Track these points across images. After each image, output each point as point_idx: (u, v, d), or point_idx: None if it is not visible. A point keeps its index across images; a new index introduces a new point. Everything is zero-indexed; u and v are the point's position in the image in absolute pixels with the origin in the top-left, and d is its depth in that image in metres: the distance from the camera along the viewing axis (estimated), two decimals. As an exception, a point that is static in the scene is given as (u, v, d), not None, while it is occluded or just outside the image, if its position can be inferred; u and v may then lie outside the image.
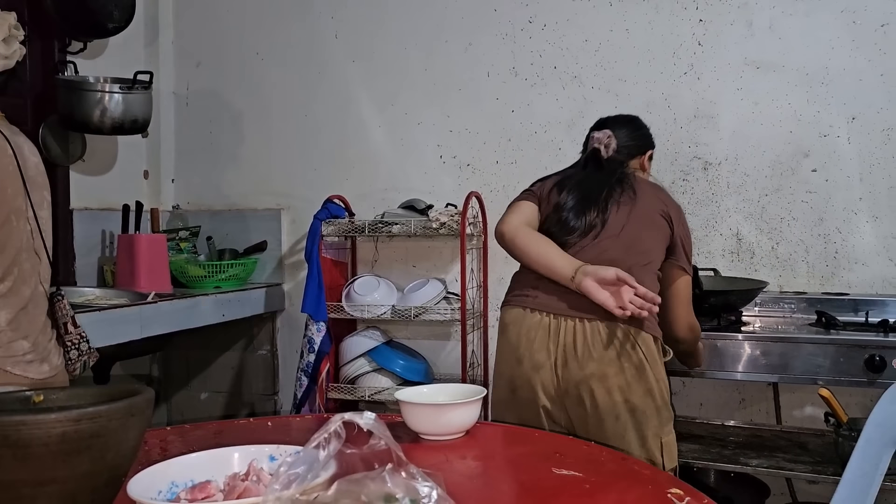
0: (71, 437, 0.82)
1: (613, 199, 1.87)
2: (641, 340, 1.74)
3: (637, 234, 1.85)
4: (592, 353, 1.72)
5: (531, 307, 1.80)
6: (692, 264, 1.96)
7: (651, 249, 1.86)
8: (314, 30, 3.29)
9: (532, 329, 1.78)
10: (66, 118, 2.81)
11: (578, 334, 1.74)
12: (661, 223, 1.89)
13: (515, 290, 1.90)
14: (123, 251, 2.91)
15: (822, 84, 2.65)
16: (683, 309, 1.91)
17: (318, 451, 0.83)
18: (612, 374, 1.71)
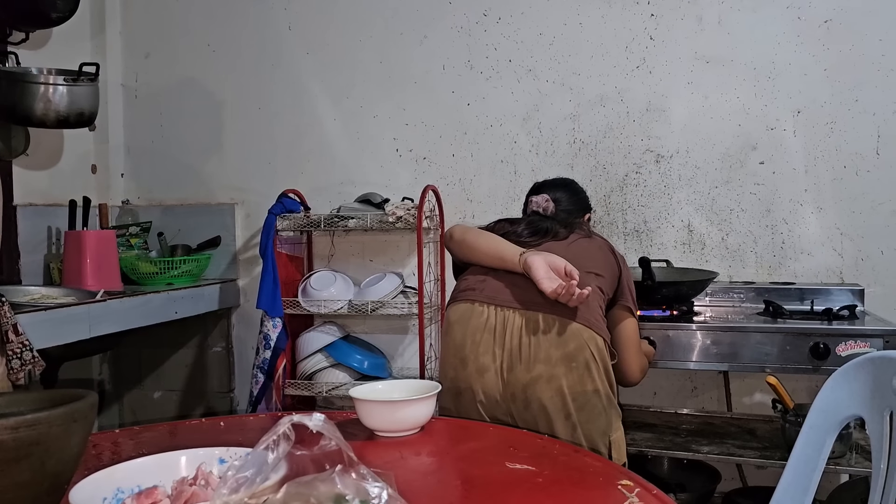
0: (9, 445, 0.79)
1: (563, 232, 1.93)
2: (590, 339, 1.71)
3: (587, 251, 1.88)
4: (539, 354, 1.69)
5: (478, 300, 1.78)
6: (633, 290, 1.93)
7: (601, 268, 1.85)
8: (267, 21, 3.24)
9: (478, 331, 1.75)
10: (7, 111, 2.71)
11: (524, 333, 1.71)
12: (610, 258, 1.90)
13: (461, 286, 1.88)
14: (71, 248, 2.83)
15: (768, 78, 2.71)
16: (633, 353, 1.89)
17: (268, 453, 0.82)
18: (559, 375, 1.68)
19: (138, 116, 3.42)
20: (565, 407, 1.68)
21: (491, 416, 1.74)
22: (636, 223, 2.85)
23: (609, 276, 1.86)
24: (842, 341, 2.17)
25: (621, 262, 1.93)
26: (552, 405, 1.68)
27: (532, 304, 1.72)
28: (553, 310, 1.71)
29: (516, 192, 2.95)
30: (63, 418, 0.84)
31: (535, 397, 1.68)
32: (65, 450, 0.85)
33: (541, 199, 2.05)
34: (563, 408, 1.68)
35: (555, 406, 1.68)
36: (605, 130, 2.88)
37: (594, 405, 1.71)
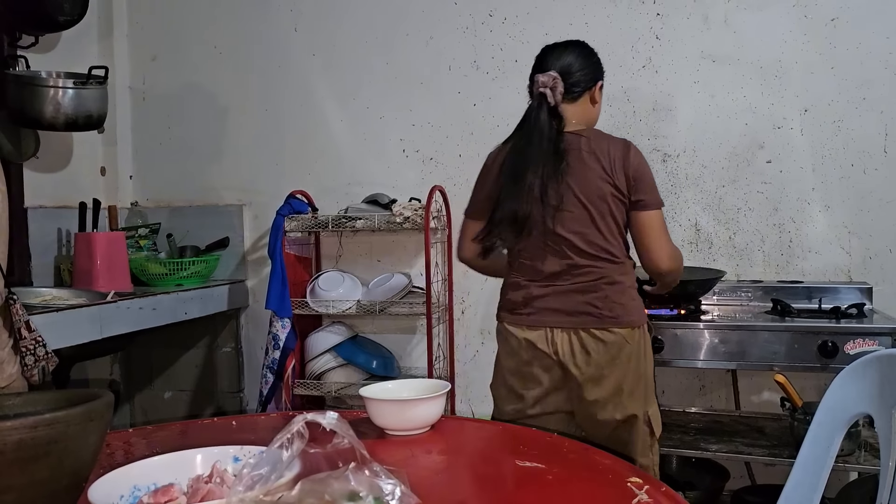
0: (28, 444, 0.80)
1: (548, 202, 1.82)
2: (633, 336, 1.83)
3: (585, 174, 1.82)
4: (589, 361, 1.83)
5: (527, 325, 1.88)
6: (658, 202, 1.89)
7: (605, 184, 1.82)
8: (273, 23, 3.26)
9: (532, 344, 1.87)
10: (17, 114, 2.74)
11: (574, 345, 1.84)
12: (616, 161, 1.83)
13: (508, 306, 1.94)
14: (81, 250, 2.85)
15: (775, 77, 2.71)
16: (658, 241, 1.85)
17: (282, 451, 0.83)
18: (608, 374, 1.83)
19: (146, 119, 3.44)
20: (617, 395, 1.85)
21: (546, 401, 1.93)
22: (643, 222, 2.85)
23: (622, 179, 1.82)
24: (850, 339, 2.17)
25: (631, 158, 1.83)
26: (603, 397, 1.86)
27: (575, 319, 1.86)
28: (595, 322, 1.85)
29: (523, 191, 2.95)
30: (80, 417, 0.85)
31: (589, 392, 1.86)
32: (82, 448, 0.86)
33: (547, 78, 1.84)
34: (613, 396, 1.85)
35: (605, 397, 1.85)
36: (611, 130, 2.80)
37: (638, 390, 1.86)
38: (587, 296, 1.83)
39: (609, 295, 1.83)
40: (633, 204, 1.84)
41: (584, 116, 1.92)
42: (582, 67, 1.89)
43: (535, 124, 1.84)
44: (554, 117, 1.85)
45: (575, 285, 1.84)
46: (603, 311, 1.82)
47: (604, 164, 1.83)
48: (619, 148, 1.85)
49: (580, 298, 1.83)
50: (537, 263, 1.88)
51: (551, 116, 1.84)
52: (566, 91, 1.86)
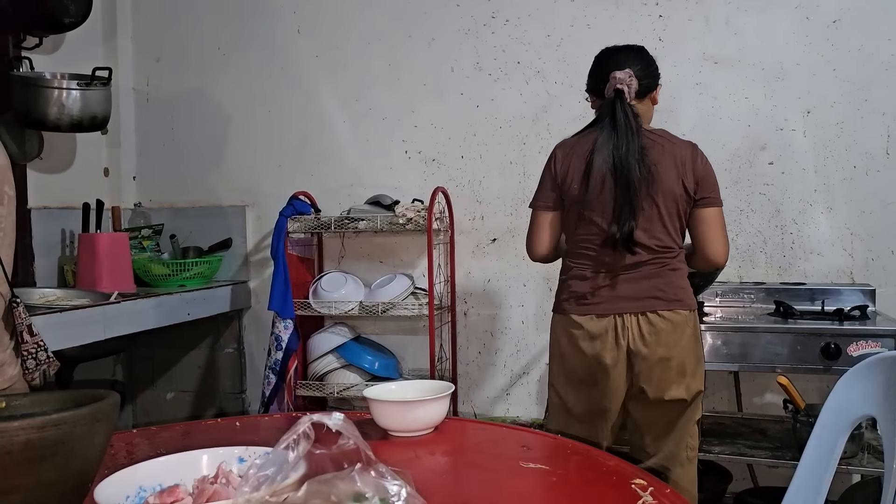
0: (35, 444, 0.81)
1: (639, 200, 1.88)
2: (691, 318, 1.93)
3: (662, 174, 1.90)
4: (659, 342, 1.90)
5: (596, 314, 1.93)
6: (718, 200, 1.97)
7: (679, 180, 1.91)
8: (276, 25, 3.27)
9: (603, 332, 1.92)
10: (22, 115, 2.75)
11: (644, 327, 1.90)
12: (687, 162, 1.93)
13: (574, 297, 1.97)
14: (84, 250, 2.86)
15: (777, 79, 2.71)
16: (720, 234, 1.95)
17: (288, 452, 0.84)
18: (675, 355, 1.90)
19: (150, 120, 3.45)
20: (681, 376, 1.94)
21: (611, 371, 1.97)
22: (645, 224, 2.86)
23: (691, 180, 1.92)
24: (853, 341, 2.17)
25: (699, 160, 1.95)
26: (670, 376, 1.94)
27: (641, 303, 1.94)
28: (661, 304, 1.93)
29: (525, 193, 2.95)
30: (87, 418, 0.85)
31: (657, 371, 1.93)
32: (89, 449, 0.86)
33: (625, 75, 1.94)
34: (678, 377, 1.94)
35: (672, 377, 1.94)
36: (614, 131, 2.88)
37: (698, 370, 1.96)
38: (653, 281, 1.92)
39: (673, 280, 1.93)
40: (697, 202, 1.94)
41: (647, 115, 2.02)
42: (647, 69, 2.01)
43: (623, 120, 1.91)
44: (634, 113, 1.93)
45: (641, 272, 1.93)
46: (669, 294, 1.92)
47: (676, 164, 1.92)
48: (689, 150, 1.96)
49: (647, 284, 1.92)
50: (604, 256, 1.93)
51: (632, 112, 1.93)
52: (637, 91, 1.96)
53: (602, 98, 1.98)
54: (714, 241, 1.94)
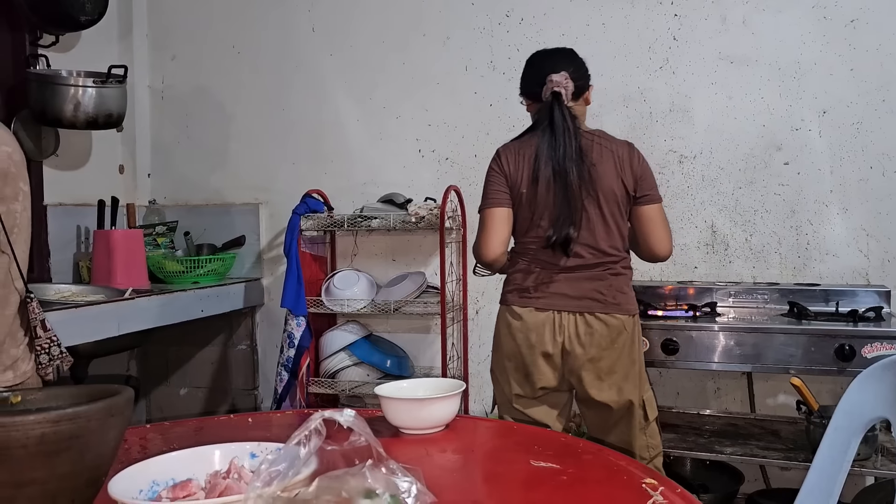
0: (50, 438, 0.82)
1: (579, 204, 1.93)
2: (629, 323, 1.97)
3: (601, 173, 1.94)
4: (592, 342, 1.94)
5: (536, 307, 1.98)
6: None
7: (619, 178, 1.96)
8: (291, 23, 3.28)
9: (540, 325, 1.97)
10: (38, 113, 2.78)
11: (580, 327, 1.95)
12: (624, 162, 1.97)
13: (517, 290, 2.02)
14: (99, 247, 2.88)
15: (793, 78, 2.69)
16: (661, 231, 2.01)
17: (299, 448, 0.84)
18: (605, 357, 1.94)
19: (164, 117, 3.47)
20: (610, 377, 1.98)
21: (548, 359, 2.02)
22: (659, 224, 2.85)
23: (630, 179, 1.97)
24: (867, 343, 2.15)
25: (636, 158, 1.99)
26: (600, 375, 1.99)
27: (581, 304, 1.99)
28: (598, 307, 1.97)
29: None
30: (101, 412, 0.86)
31: (587, 373, 1.97)
32: (103, 443, 0.87)
33: (561, 77, 1.96)
34: (608, 377, 1.98)
35: (602, 375, 1.99)
36: (627, 131, 2.87)
37: (632, 373, 1.98)
38: (594, 283, 1.97)
39: (613, 284, 1.97)
40: (637, 199, 1.99)
41: (583, 117, 2.08)
42: (580, 69, 2.04)
43: (561, 123, 1.94)
44: (571, 115, 1.97)
45: (583, 273, 1.97)
46: (607, 298, 1.96)
47: (615, 163, 1.96)
48: (626, 149, 2.01)
49: (587, 285, 1.97)
50: (547, 256, 1.98)
51: (570, 114, 1.97)
52: (573, 93, 2.00)
53: (539, 101, 2.02)
54: (657, 238, 2.00)
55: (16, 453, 0.80)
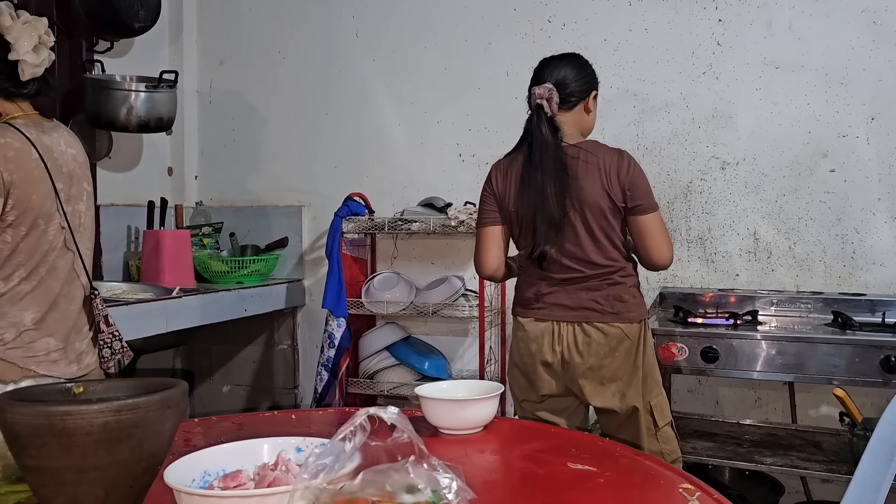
0: (112, 426, 0.86)
1: (556, 219, 1.93)
2: (632, 330, 1.96)
3: (583, 186, 1.93)
4: (590, 351, 1.96)
5: (536, 318, 2.02)
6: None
7: (605, 191, 1.93)
8: (335, 29, 3.34)
9: (540, 335, 2.01)
10: (93, 116, 2.88)
11: (578, 337, 1.97)
12: (612, 174, 1.93)
13: (521, 302, 2.08)
14: (149, 246, 2.97)
15: (841, 84, 2.65)
16: (658, 240, 1.96)
17: (345, 443, 0.87)
18: (605, 365, 1.96)
19: (212, 121, 3.56)
20: (613, 383, 1.98)
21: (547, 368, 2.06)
22: (700, 231, 2.83)
23: (617, 190, 1.93)
24: (914, 355, 2.11)
25: (625, 167, 1.93)
26: (602, 383, 2.00)
27: (581, 314, 2.00)
28: (598, 317, 1.98)
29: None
30: (159, 404, 0.90)
31: (587, 382, 1.99)
32: (159, 433, 0.92)
33: (543, 90, 1.96)
34: (611, 384, 1.99)
35: (604, 382, 2.00)
36: (669, 137, 2.86)
37: (634, 377, 1.98)
38: (591, 293, 1.98)
39: (611, 294, 1.98)
40: (630, 210, 1.96)
41: (580, 125, 2.04)
42: (576, 78, 2.01)
43: (539, 138, 1.96)
44: (552, 128, 1.97)
45: (580, 285, 1.99)
46: (605, 307, 1.97)
47: (601, 176, 1.94)
48: (614, 159, 1.96)
49: (584, 296, 1.98)
50: (548, 269, 2.00)
51: (551, 127, 1.96)
52: (562, 101, 1.99)
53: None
54: (655, 247, 1.96)
55: (80, 440, 0.85)
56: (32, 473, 0.90)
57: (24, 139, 1.65)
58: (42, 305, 1.68)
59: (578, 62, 2.05)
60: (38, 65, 1.68)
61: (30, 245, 1.65)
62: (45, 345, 1.67)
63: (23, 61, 1.66)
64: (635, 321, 1.98)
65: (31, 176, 1.64)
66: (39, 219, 1.66)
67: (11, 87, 1.69)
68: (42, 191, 1.67)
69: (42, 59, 1.69)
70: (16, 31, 1.65)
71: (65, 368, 1.69)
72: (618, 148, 2.00)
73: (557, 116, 1.98)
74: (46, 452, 0.86)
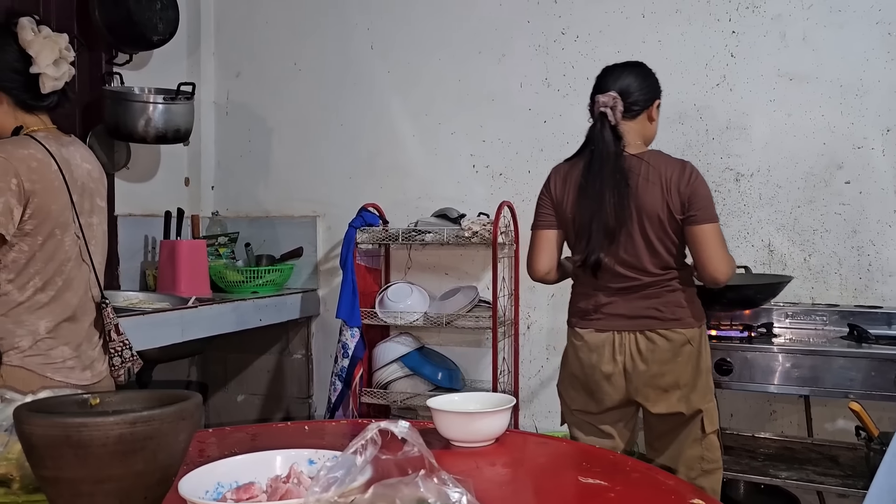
0: (127, 438, 0.88)
1: (611, 227, 1.94)
2: (693, 335, 1.97)
3: (643, 196, 1.94)
4: (654, 358, 1.96)
5: (596, 329, 2.02)
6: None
7: (662, 200, 1.93)
8: (350, 41, 3.37)
9: (601, 345, 2.01)
10: (112, 128, 2.92)
11: (640, 345, 1.97)
12: (670, 184, 1.94)
13: (578, 313, 2.07)
14: (165, 256, 3.00)
15: (856, 96, 2.64)
16: (713, 252, 1.94)
17: (356, 456, 0.88)
18: (668, 371, 1.95)
19: (228, 132, 3.60)
20: (675, 389, 1.99)
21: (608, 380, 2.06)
22: (714, 242, 2.82)
23: (676, 200, 1.93)
24: (931, 369, 2.09)
25: (686, 177, 1.94)
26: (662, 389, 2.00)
27: (641, 322, 2.01)
28: (659, 323, 1.99)
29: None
30: (173, 416, 0.92)
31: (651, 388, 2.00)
32: (174, 445, 0.93)
33: (607, 98, 1.97)
34: (672, 390, 2.00)
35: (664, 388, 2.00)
36: (683, 148, 2.85)
37: (697, 383, 1.99)
38: (650, 301, 1.98)
39: (670, 300, 1.98)
40: (686, 219, 1.95)
41: (643, 134, 2.05)
42: (640, 87, 2.02)
43: (601, 145, 1.96)
44: (615, 136, 1.96)
45: (638, 293, 1.98)
46: (665, 314, 1.97)
47: (662, 186, 1.95)
48: (676, 169, 1.97)
49: (643, 304, 1.98)
50: (603, 278, 2.00)
51: (614, 136, 1.96)
52: (625, 110, 1.98)
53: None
54: (709, 259, 1.94)
55: (96, 451, 0.87)
56: (49, 484, 0.91)
57: (45, 151, 1.68)
58: (58, 316, 1.70)
59: (642, 71, 2.05)
60: (58, 78, 1.72)
61: (46, 254, 1.67)
62: (60, 353, 1.70)
63: (44, 74, 1.69)
64: (696, 325, 1.99)
65: (51, 187, 1.67)
66: (56, 229, 1.69)
67: (31, 100, 1.72)
68: (60, 201, 1.70)
69: (62, 73, 1.73)
70: (37, 45, 1.68)
71: (80, 375, 1.72)
72: (681, 159, 2.00)
73: (621, 125, 1.97)
74: (63, 463, 0.88)
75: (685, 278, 2.01)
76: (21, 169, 1.61)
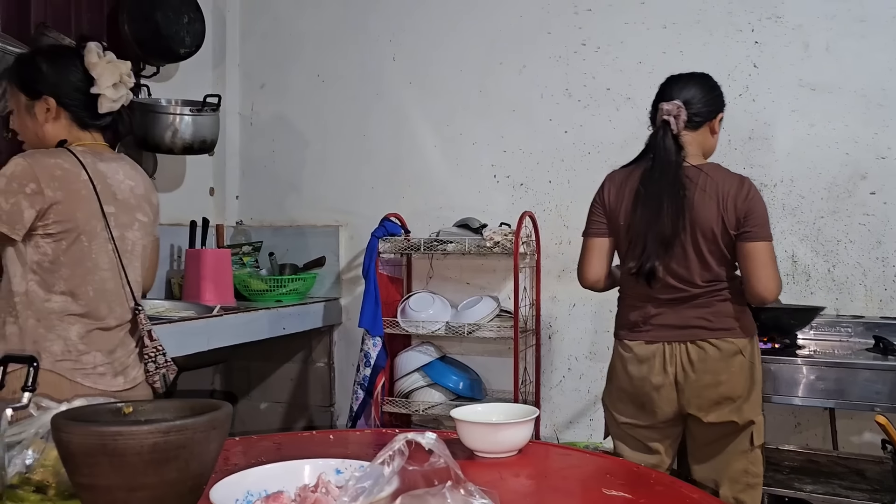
0: (161, 447, 0.90)
1: (667, 237, 1.91)
2: (745, 345, 1.95)
3: (699, 210, 1.91)
4: (706, 368, 1.93)
5: (645, 340, 2.00)
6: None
7: (718, 216, 1.91)
8: (372, 53, 3.40)
9: (651, 357, 1.99)
10: (139, 139, 2.97)
11: (691, 355, 1.94)
12: (726, 200, 1.91)
13: (627, 325, 2.05)
14: (191, 265, 3.04)
15: (879, 106, 2.63)
16: (762, 271, 1.91)
17: (383, 466, 0.90)
18: (722, 382, 1.93)
19: (252, 143, 3.65)
20: (729, 401, 1.96)
21: (658, 391, 2.02)
22: (737, 252, 2.81)
23: (731, 216, 1.90)
24: (959, 382, 2.07)
25: (743, 194, 1.91)
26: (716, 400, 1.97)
27: (692, 332, 1.99)
28: (711, 333, 1.97)
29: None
30: (205, 425, 0.94)
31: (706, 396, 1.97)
32: (205, 454, 0.95)
33: (672, 106, 1.95)
34: (726, 402, 1.96)
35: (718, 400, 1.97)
36: (705, 158, 2.85)
37: (752, 394, 1.97)
38: (700, 311, 1.96)
39: (720, 310, 1.95)
40: (739, 235, 1.92)
41: (704, 145, 2.03)
42: (704, 98, 2.00)
43: (663, 154, 1.94)
44: (677, 146, 1.95)
45: (688, 304, 1.96)
46: (715, 324, 1.94)
47: (718, 200, 1.92)
48: (735, 184, 1.94)
49: (692, 314, 1.96)
50: (644, 288, 1.97)
51: (675, 145, 1.94)
52: (688, 120, 1.96)
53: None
54: (760, 277, 1.91)
55: (131, 460, 0.89)
56: (85, 491, 0.94)
57: (76, 161, 1.73)
58: (89, 325, 1.74)
59: (707, 82, 2.03)
60: (116, 100, 1.81)
61: (72, 259, 1.71)
62: (91, 359, 1.73)
63: (103, 95, 1.78)
64: (746, 336, 1.96)
65: (77, 195, 1.71)
66: (82, 235, 1.73)
67: (88, 118, 1.81)
68: (87, 210, 1.74)
69: (120, 96, 1.81)
70: (100, 68, 1.78)
71: (110, 381, 1.75)
72: (739, 174, 1.97)
73: (682, 135, 1.96)
74: (98, 471, 0.90)
75: (735, 289, 1.97)
76: (42, 175, 1.66)
